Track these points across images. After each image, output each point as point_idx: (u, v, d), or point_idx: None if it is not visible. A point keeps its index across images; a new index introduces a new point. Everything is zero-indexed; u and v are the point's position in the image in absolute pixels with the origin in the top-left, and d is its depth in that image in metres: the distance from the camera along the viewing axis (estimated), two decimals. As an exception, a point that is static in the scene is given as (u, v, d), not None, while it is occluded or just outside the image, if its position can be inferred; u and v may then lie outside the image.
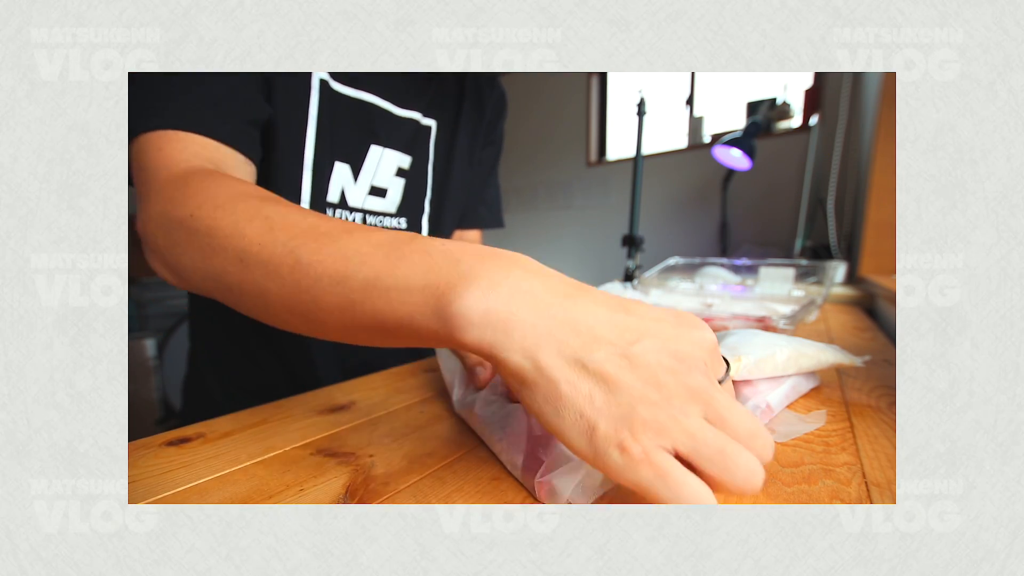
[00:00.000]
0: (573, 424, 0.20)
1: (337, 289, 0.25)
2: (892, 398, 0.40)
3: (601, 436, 0.19)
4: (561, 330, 0.21)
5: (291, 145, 0.48)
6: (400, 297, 0.23)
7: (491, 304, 0.21)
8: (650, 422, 0.19)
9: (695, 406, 0.20)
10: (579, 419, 0.20)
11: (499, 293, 0.21)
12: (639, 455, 0.19)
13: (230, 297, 0.30)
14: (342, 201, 0.54)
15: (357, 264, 0.24)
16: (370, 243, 0.25)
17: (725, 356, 0.26)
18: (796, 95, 2.06)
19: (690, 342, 0.22)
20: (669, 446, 0.19)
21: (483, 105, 0.69)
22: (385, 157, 0.56)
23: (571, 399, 0.20)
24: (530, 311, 0.21)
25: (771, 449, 0.21)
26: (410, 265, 0.23)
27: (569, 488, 0.24)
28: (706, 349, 0.22)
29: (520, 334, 0.21)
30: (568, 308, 0.21)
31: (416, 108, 0.59)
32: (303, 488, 0.26)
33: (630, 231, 1.23)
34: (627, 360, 0.20)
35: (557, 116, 2.88)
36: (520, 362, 0.21)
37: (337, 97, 0.51)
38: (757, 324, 0.61)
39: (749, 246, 2.12)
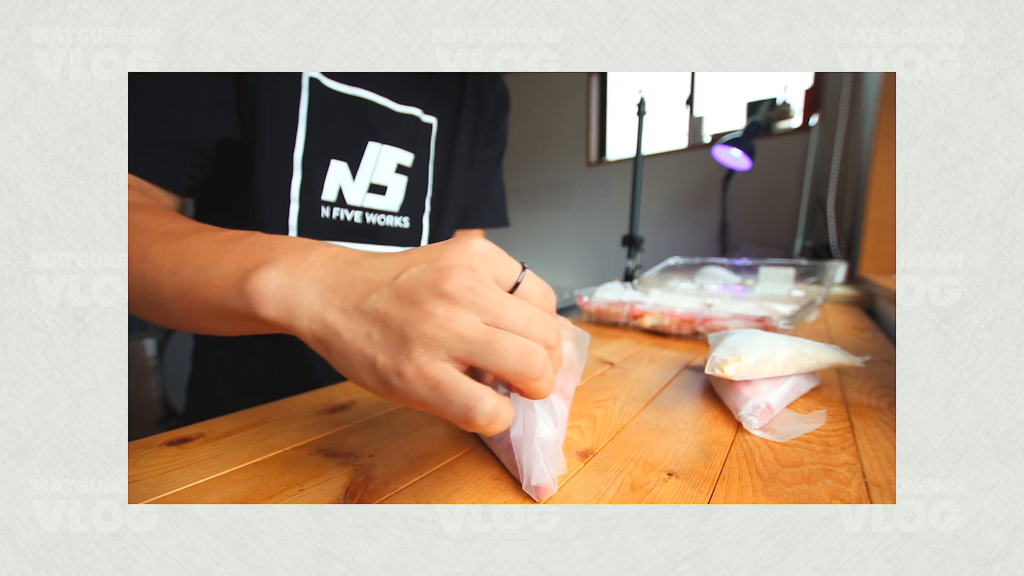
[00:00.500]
0: (360, 365, 0.21)
1: (172, 279, 0.27)
2: (892, 398, 0.40)
3: (380, 368, 0.21)
4: (341, 288, 0.22)
5: (279, 145, 0.47)
6: (217, 282, 0.25)
7: (283, 281, 0.23)
8: (419, 339, 0.20)
9: (464, 311, 0.21)
10: (363, 359, 0.21)
11: (293, 271, 0.23)
12: (412, 373, 0.20)
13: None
14: (340, 199, 0.53)
15: (191, 256, 0.27)
16: (212, 240, 0.28)
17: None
18: (796, 95, 2.06)
19: (454, 254, 0.22)
20: (445, 356, 0.20)
21: (484, 102, 0.68)
22: (384, 154, 0.56)
23: (353, 343, 0.21)
24: (316, 282, 0.23)
25: (552, 330, 0.22)
26: (232, 255, 0.26)
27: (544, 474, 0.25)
28: (474, 255, 0.22)
29: (308, 302, 0.23)
30: (349, 270, 0.23)
31: (416, 104, 0.58)
32: (303, 488, 0.26)
33: (630, 231, 1.23)
34: (395, 292, 0.21)
35: (557, 116, 2.88)
36: (311, 326, 0.23)
37: (330, 94, 0.50)
38: (757, 324, 0.61)
39: (749, 246, 2.12)
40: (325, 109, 0.50)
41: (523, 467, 0.25)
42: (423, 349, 0.20)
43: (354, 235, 0.56)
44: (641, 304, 0.73)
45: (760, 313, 0.65)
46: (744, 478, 0.27)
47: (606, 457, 0.30)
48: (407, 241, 0.61)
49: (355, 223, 0.55)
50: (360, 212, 0.55)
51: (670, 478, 0.27)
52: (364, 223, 0.56)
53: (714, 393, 0.41)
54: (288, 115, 0.47)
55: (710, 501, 0.24)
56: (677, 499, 0.25)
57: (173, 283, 0.27)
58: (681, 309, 0.68)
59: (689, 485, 0.26)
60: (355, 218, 0.55)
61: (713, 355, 0.37)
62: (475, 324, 0.21)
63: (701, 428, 0.34)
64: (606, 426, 0.35)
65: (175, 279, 0.27)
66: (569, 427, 0.34)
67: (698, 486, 0.26)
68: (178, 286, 0.27)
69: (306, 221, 0.51)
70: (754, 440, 0.32)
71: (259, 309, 0.23)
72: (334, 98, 0.50)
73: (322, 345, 0.23)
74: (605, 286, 0.87)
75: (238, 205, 0.49)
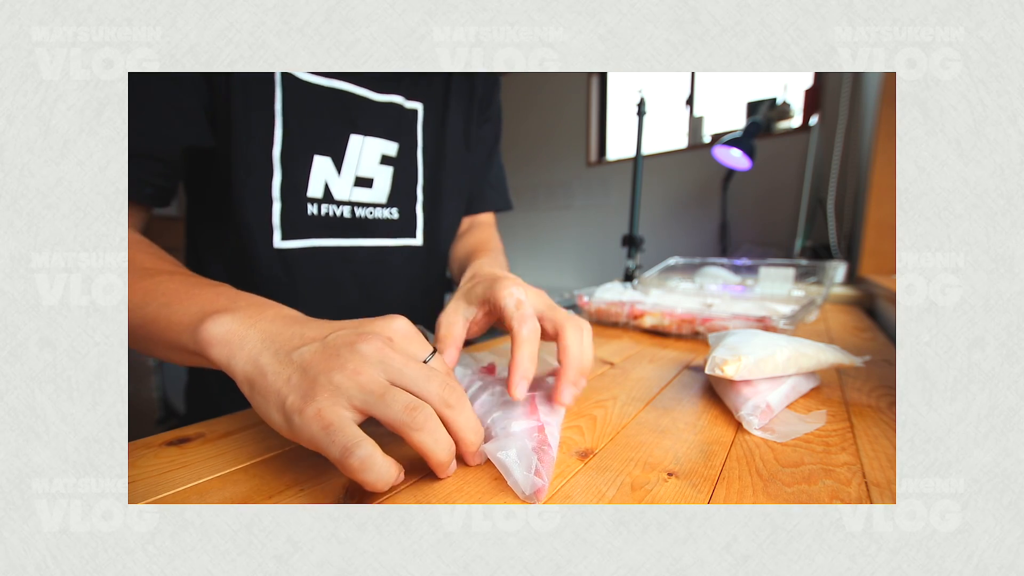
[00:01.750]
0: (273, 403, 0.25)
1: (138, 312, 0.31)
2: (892, 398, 0.40)
3: (288, 406, 0.24)
4: (280, 339, 0.26)
5: (255, 144, 0.46)
6: (178, 319, 0.29)
7: (235, 327, 0.27)
8: (327, 386, 0.24)
9: (370, 367, 0.24)
10: (276, 397, 0.25)
11: (246, 321, 0.27)
12: (311, 414, 0.23)
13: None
14: (327, 195, 0.52)
15: (158, 294, 0.31)
16: (183, 283, 0.32)
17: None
18: (796, 95, 2.06)
19: (377, 325, 0.27)
20: (345, 404, 0.24)
21: (472, 80, 0.65)
22: (367, 145, 0.54)
23: (274, 384, 0.25)
24: (262, 332, 0.27)
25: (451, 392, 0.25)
26: (197, 299, 0.30)
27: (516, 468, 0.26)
28: (395, 331, 0.27)
29: (250, 346, 0.26)
30: (292, 326, 0.27)
31: (396, 92, 0.56)
32: (303, 488, 0.26)
33: (630, 231, 1.23)
34: (322, 346, 0.25)
35: (557, 116, 2.88)
36: (244, 367, 0.26)
37: (306, 87, 0.48)
38: (757, 324, 0.61)
39: (749, 246, 2.12)
40: (302, 103, 0.48)
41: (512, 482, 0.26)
42: (327, 394, 0.23)
43: (345, 230, 0.55)
44: (641, 304, 0.73)
45: (760, 313, 0.65)
46: (744, 478, 0.27)
47: (606, 457, 0.30)
48: (400, 232, 0.60)
49: (344, 218, 0.54)
50: (348, 207, 0.54)
51: (670, 478, 0.27)
52: (353, 217, 0.55)
53: (714, 393, 0.41)
54: (263, 113, 0.46)
55: (710, 501, 0.24)
56: (677, 499, 0.25)
57: (137, 315, 0.31)
58: (681, 309, 0.68)
59: (689, 485, 0.26)
60: (344, 213, 0.54)
61: (713, 355, 0.37)
62: (376, 379, 0.24)
63: (701, 428, 0.34)
64: (606, 426, 0.35)
65: (139, 312, 0.31)
66: (569, 427, 0.34)
67: (698, 486, 0.26)
68: (141, 318, 0.31)
69: (291, 220, 0.50)
70: (754, 440, 0.32)
71: (208, 351, 0.27)
72: (310, 91, 0.49)
73: (248, 384, 0.26)
74: (605, 286, 0.87)
75: (225, 210, 0.48)
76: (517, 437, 0.28)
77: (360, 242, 0.56)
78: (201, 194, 0.51)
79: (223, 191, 0.48)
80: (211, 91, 0.44)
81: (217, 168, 0.47)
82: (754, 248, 2.06)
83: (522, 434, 0.29)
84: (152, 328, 0.31)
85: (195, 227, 0.56)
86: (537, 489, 0.25)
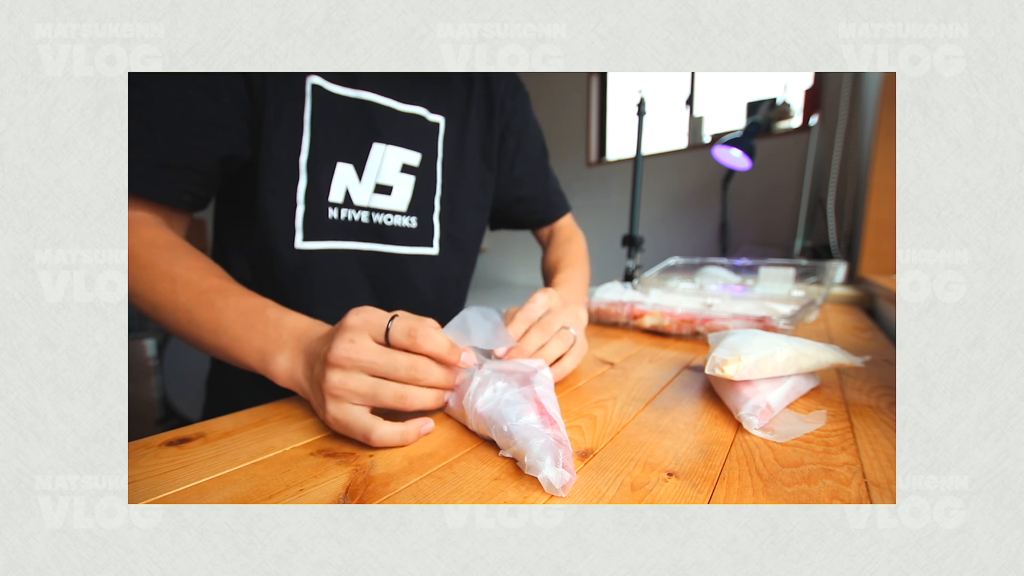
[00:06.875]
0: (315, 406, 0.35)
1: (212, 339, 0.40)
2: (892, 398, 0.40)
3: (319, 412, 0.34)
4: (308, 361, 0.36)
5: (284, 152, 0.49)
6: (247, 350, 0.39)
7: (287, 364, 0.37)
8: (329, 397, 0.32)
9: (350, 374, 0.31)
10: (314, 406, 0.35)
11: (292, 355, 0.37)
12: (331, 420, 0.32)
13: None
14: (347, 200, 0.54)
15: (227, 325, 0.39)
16: (237, 310, 0.40)
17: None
18: (796, 95, 2.06)
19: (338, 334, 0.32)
20: (348, 404, 0.31)
21: (492, 96, 0.67)
22: (389, 154, 0.56)
23: (311, 398, 0.35)
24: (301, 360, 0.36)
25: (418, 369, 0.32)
26: (255, 331, 0.39)
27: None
28: (350, 328, 0.32)
29: (297, 374, 0.36)
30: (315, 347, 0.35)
31: (420, 103, 0.58)
32: (303, 488, 0.26)
33: (630, 231, 1.23)
34: (321, 364, 0.33)
35: (557, 116, 2.88)
36: (298, 388, 0.37)
37: (333, 99, 0.51)
38: (757, 324, 0.61)
39: (749, 246, 2.12)
40: (329, 114, 0.51)
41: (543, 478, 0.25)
42: (333, 402, 0.32)
43: (362, 235, 0.56)
44: (641, 304, 0.73)
45: (760, 313, 0.65)
46: (744, 478, 0.27)
47: (606, 457, 0.30)
48: (417, 241, 0.62)
49: (362, 223, 0.56)
50: (367, 212, 0.56)
51: (670, 478, 0.27)
52: (371, 223, 0.56)
53: (714, 393, 0.41)
54: (293, 123, 0.49)
55: (710, 501, 0.24)
56: (677, 499, 0.25)
57: (212, 341, 0.40)
58: (681, 309, 0.68)
59: (689, 485, 0.26)
60: (362, 218, 0.56)
61: (713, 355, 0.37)
62: (362, 381, 0.31)
63: (701, 428, 0.34)
64: (606, 426, 0.35)
65: (215, 339, 0.40)
66: (569, 427, 0.34)
67: (698, 486, 0.26)
68: (216, 344, 0.40)
69: (312, 222, 0.52)
70: (754, 440, 0.32)
71: (277, 379, 0.37)
72: (337, 102, 0.51)
73: (302, 393, 0.37)
74: (605, 286, 0.87)
75: (252, 210, 0.51)
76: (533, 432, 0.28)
77: (376, 247, 0.58)
78: (232, 195, 0.54)
79: (251, 193, 0.50)
80: (252, 101, 0.46)
81: (246, 171, 0.50)
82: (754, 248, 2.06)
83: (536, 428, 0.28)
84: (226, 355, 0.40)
85: (222, 224, 0.58)
86: (565, 483, 0.24)
